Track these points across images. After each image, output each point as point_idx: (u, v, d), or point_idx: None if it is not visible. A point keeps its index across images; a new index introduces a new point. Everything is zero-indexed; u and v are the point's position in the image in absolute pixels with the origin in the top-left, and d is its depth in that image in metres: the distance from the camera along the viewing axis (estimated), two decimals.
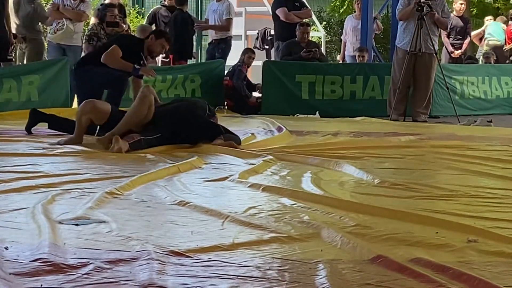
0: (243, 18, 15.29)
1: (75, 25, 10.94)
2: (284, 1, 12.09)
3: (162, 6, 12.44)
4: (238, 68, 11.38)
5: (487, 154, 6.23)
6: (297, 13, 12.10)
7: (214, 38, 12.28)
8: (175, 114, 6.42)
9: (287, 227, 3.25)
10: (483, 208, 3.82)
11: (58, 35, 10.84)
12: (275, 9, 12.11)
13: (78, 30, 11.09)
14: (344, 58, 13.37)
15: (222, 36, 12.27)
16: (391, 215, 3.54)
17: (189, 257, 2.70)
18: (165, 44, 7.85)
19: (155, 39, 7.71)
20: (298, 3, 12.29)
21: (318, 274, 2.53)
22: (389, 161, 5.79)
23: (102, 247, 2.82)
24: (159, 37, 7.77)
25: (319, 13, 23.64)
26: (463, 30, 13.32)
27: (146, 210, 3.64)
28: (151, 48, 7.73)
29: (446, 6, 10.61)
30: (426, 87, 10.27)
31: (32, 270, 2.47)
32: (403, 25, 10.35)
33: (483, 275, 2.53)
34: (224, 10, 12.21)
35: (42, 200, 3.66)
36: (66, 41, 10.95)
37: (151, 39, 7.72)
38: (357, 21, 13.02)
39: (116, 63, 7.56)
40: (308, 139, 7.38)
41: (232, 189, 4.38)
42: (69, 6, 10.89)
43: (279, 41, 12.17)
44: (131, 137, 6.07)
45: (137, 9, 20.89)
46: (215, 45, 12.26)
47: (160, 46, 7.78)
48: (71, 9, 10.88)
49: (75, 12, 10.90)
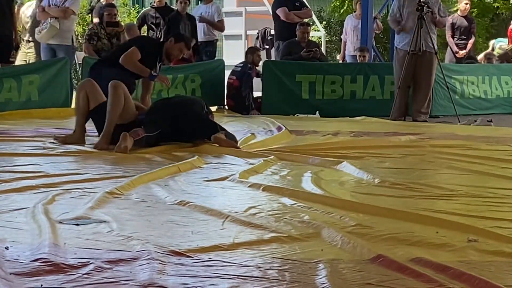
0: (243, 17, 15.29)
1: (61, 23, 10.79)
2: (284, 1, 12.09)
3: (152, 7, 12.43)
4: (248, 72, 11.30)
5: (487, 153, 6.23)
6: (297, 13, 12.11)
7: (202, 41, 12.26)
8: (174, 109, 6.44)
9: (287, 227, 3.25)
10: (483, 208, 3.82)
11: (43, 35, 10.63)
12: (276, 9, 12.12)
13: (66, 28, 10.84)
14: (344, 57, 13.37)
15: (209, 39, 12.30)
16: (391, 215, 3.54)
17: (189, 257, 2.70)
18: (184, 48, 7.77)
19: (174, 42, 7.66)
20: (298, 3, 12.29)
21: (319, 274, 2.53)
22: (389, 161, 5.79)
23: (102, 247, 2.82)
24: (178, 41, 7.68)
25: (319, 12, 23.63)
26: (468, 30, 13.32)
27: (146, 210, 3.64)
28: (169, 51, 7.64)
29: (441, 5, 10.62)
30: (426, 86, 10.28)
31: (33, 270, 2.47)
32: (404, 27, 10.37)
33: (483, 274, 2.53)
34: (215, 12, 12.27)
35: (43, 200, 3.66)
36: (55, 40, 10.77)
37: (170, 42, 7.66)
38: (357, 20, 13.02)
39: (134, 66, 7.49)
40: (308, 138, 7.38)
41: (232, 189, 4.38)
42: (54, 5, 10.80)
43: (279, 41, 12.17)
44: (137, 133, 6.09)
45: (137, 9, 20.91)
46: (202, 48, 12.25)
47: (178, 50, 7.68)
48: (56, 7, 10.79)
49: (60, 9, 10.74)
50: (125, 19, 18.87)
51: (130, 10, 21.41)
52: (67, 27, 10.92)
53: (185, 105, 6.58)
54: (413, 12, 10.15)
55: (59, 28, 10.68)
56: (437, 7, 10.36)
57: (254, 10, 14.93)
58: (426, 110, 10.33)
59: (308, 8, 12.87)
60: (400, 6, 10.46)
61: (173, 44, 7.62)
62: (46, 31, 10.68)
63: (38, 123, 7.94)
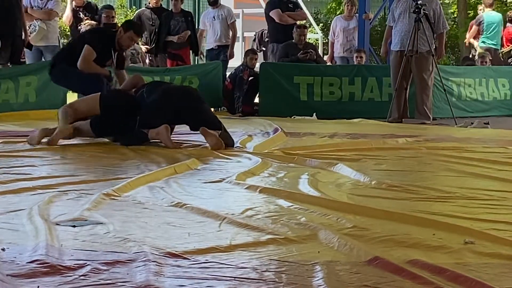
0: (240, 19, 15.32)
1: (48, 25, 10.80)
2: (278, 3, 12.11)
3: (147, 8, 12.44)
4: (239, 76, 11.34)
5: (484, 156, 6.23)
6: (291, 14, 12.12)
7: (218, 45, 12.28)
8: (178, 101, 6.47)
9: (284, 229, 3.25)
10: (480, 210, 3.82)
11: (33, 38, 10.65)
12: (269, 11, 12.12)
13: (52, 29, 10.92)
14: (332, 58, 13.32)
15: (225, 43, 12.31)
16: (388, 217, 3.54)
17: (186, 259, 2.70)
18: (134, 36, 7.58)
19: (123, 32, 7.49)
20: (292, 5, 12.32)
21: (315, 276, 2.53)
22: (386, 163, 5.79)
23: (99, 249, 2.82)
24: (127, 30, 7.52)
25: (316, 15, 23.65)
26: None
27: (143, 211, 3.64)
28: (120, 41, 7.49)
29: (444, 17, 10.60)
30: (424, 88, 10.28)
31: (29, 271, 2.47)
32: (395, 28, 10.41)
33: (480, 276, 2.53)
34: (227, 14, 12.25)
35: (39, 202, 3.65)
36: (42, 42, 10.82)
37: (120, 33, 7.49)
38: (346, 22, 13.04)
39: (94, 70, 7.42)
40: (304, 140, 7.38)
41: (229, 190, 4.38)
42: (37, 6, 10.80)
43: (273, 43, 12.17)
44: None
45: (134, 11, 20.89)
46: (219, 51, 12.26)
47: (128, 39, 7.54)
48: (39, 9, 10.79)
49: (44, 12, 10.78)
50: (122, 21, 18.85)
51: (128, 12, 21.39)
52: (53, 28, 10.97)
53: (194, 92, 6.71)
54: (404, 14, 10.21)
55: (47, 29, 10.74)
56: (441, 21, 10.37)
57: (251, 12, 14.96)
58: (424, 111, 10.32)
59: (301, 9, 12.88)
60: (393, 8, 10.54)
61: (123, 34, 7.50)
62: (36, 34, 10.71)
63: (36, 125, 7.92)
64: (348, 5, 13.10)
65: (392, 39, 10.49)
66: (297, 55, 11.63)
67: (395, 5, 10.54)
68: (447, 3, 24.34)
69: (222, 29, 12.23)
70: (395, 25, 10.39)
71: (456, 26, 23.71)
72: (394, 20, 10.41)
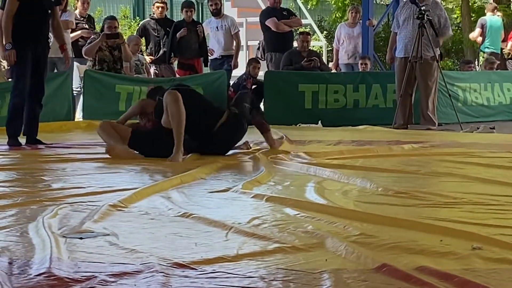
0: (244, 28, 15.32)
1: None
2: (272, 12, 12.13)
3: (151, 19, 12.47)
4: (243, 84, 11.35)
5: (491, 161, 6.22)
6: (287, 22, 12.14)
7: (222, 54, 12.30)
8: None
9: (291, 237, 3.24)
10: (487, 215, 3.82)
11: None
12: (264, 20, 12.13)
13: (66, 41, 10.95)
14: (337, 66, 13.33)
15: (229, 53, 12.32)
16: (395, 224, 3.54)
17: (193, 269, 2.69)
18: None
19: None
20: (286, 12, 12.35)
21: (323, 284, 2.53)
22: (392, 169, 5.77)
23: (106, 260, 2.82)
24: None
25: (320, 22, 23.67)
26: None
27: (149, 222, 3.64)
28: None
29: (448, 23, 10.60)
30: (428, 93, 10.28)
31: (37, 284, 2.47)
32: (399, 34, 10.42)
33: (488, 282, 2.52)
34: (231, 25, 12.27)
35: (46, 214, 3.66)
36: (55, 53, 10.81)
37: None
38: (350, 28, 13.05)
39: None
40: (310, 148, 7.38)
41: (235, 200, 4.37)
42: None
43: (271, 52, 12.17)
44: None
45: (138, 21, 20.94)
46: (223, 61, 12.27)
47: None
48: None
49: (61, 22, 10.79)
50: (126, 32, 18.90)
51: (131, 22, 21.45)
52: (66, 39, 10.92)
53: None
54: (408, 20, 10.22)
55: None
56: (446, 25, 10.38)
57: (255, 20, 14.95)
58: (429, 117, 10.31)
59: (296, 16, 12.91)
60: (397, 14, 10.55)
61: None
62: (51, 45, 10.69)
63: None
64: (352, 12, 13.13)
65: (397, 46, 10.49)
66: (301, 63, 11.64)
67: (399, 11, 10.56)
68: (450, 8, 24.33)
69: (225, 40, 12.25)
70: (399, 32, 10.41)
71: (460, 31, 23.69)
72: (399, 26, 10.42)
